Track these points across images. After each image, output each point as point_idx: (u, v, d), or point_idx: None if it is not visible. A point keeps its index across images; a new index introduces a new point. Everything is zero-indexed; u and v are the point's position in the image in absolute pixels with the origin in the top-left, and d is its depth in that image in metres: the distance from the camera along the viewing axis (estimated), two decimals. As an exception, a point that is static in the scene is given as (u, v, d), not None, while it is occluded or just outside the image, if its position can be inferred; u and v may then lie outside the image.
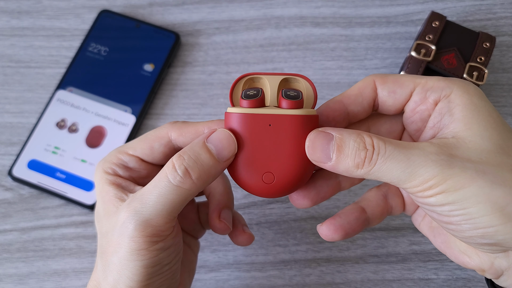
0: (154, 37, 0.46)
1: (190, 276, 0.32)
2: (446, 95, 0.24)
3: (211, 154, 0.24)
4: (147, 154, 0.27)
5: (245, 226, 0.32)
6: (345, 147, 0.23)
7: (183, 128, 0.27)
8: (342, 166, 0.23)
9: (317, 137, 0.24)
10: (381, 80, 0.25)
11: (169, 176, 0.24)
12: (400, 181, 0.22)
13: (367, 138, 0.23)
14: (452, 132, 0.23)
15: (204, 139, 0.25)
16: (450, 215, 0.22)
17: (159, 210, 0.24)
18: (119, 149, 0.28)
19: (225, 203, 0.31)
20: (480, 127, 0.23)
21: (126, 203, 0.25)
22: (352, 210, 0.28)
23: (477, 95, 0.23)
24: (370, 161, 0.22)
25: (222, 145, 0.24)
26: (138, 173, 0.28)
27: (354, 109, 0.26)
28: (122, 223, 0.24)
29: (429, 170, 0.21)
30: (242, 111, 0.24)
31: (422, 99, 0.25)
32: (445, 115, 0.24)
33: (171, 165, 0.24)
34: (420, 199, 0.23)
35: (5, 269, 0.39)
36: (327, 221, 0.27)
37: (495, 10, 0.47)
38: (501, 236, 0.21)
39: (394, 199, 0.29)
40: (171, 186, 0.24)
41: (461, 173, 0.21)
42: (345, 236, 0.27)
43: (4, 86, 0.45)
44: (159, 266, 0.25)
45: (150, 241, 0.24)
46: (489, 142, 0.22)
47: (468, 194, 0.21)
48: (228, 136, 0.24)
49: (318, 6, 0.48)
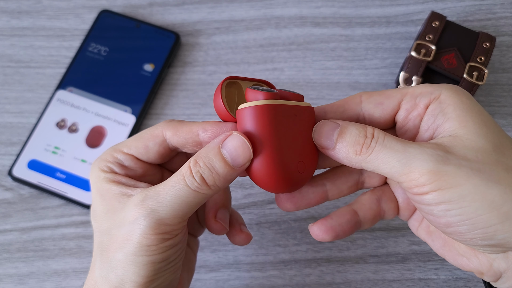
0: (154, 37, 0.46)
1: (189, 275, 0.32)
2: (436, 97, 0.24)
3: (225, 163, 0.24)
4: (142, 153, 0.27)
5: (243, 226, 0.32)
6: (347, 133, 0.24)
7: (178, 127, 0.27)
8: (343, 152, 0.24)
9: (324, 124, 0.25)
10: (367, 95, 0.26)
11: (187, 180, 0.24)
12: (395, 173, 0.23)
13: (369, 129, 0.24)
14: (448, 131, 0.23)
15: (219, 144, 0.24)
16: (447, 215, 0.22)
17: (175, 210, 0.24)
18: (114, 147, 0.28)
19: (222, 203, 0.31)
20: (475, 124, 0.23)
21: (138, 200, 0.24)
22: (344, 212, 0.28)
23: (466, 95, 0.24)
24: (368, 147, 0.23)
25: (237, 152, 0.23)
26: (134, 171, 0.28)
27: (332, 117, 0.27)
28: (134, 219, 0.24)
29: (424, 164, 0.22)
30: (268, 102, 0.23)
31: (412, 106, 0.25)
32: (438, 116, 0.24)
33: (188, 170, 0.24)
34: (416, 196, 0.23)
35: (5, 269, 0.39)
36: (319, 222, 0.28)
37: (495, 10, 0.47)
38: (500, 235, 0.22)
39: (387, 203, 0.29)
40: (188, 190, 0.24)
41: (456, 171, 0.21)
42: (336, 237, 0.28)
43: (4, 86, 0.45)
44: (166, 262, 0.25)
45: (161, 239, 0.24)
46: (485, 140, 0.22)
47: (464, 192, 0.21)
48: (243, 143, 0.23)
49: (318, 6, 0.48)
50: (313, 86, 0.45)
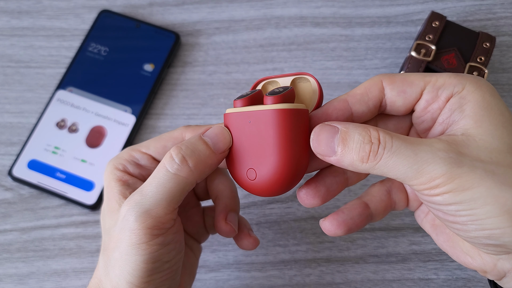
0: (154, 37, 0.46)
1: (191, 280, 0.32)
2: (458, 91, 0.23)
3: (207, 145, 0.25)
4: (160, 152, 0.29)
5: (250, 230, 0.32)
6: (350, 140, 0.22)
7: (196, 130, 0.29)
8: (347, 160, 0.22)
9: (322, 130, 0.23)
10: (389, 80, 0.25)
11: (167, 165, 0.24)
12: (406, 178, 0.22)
13: (373, 132, 0.22)
14: (462, 128, 0.23)
15: (201, 133, 0.26)
16: (456, 215, 0.22)
17: (158, 199, 0.24)
18: (133, 147, 0.29)
19: (232, 207, 0.31)
20: (491, 125, 0.22)
21: (128, 198, 0.25)
22: (355, 206, 0.27)
23: (489, 92, 0.23)
24: (376, 155, 0.22)
25: (218, 138, 0.25)
26: (148, 171, 0.28)
27: (358, 109, 0.25)
28: (123, 216, 0.24)
29: (437, 168, 0.21)
30: (228, 111, 0.26)
31: (433, 98, 0.24)
32: (455, 111, 0.23)
33: (169, 155, 0.25)
34: (426, 197, 0.22)
35: (5, 269, 0.39)
36: (330, 216, 0.27)
37: (495, 10, 0.47)
38: (507, 238, 0.21)
39: (397, 194, 0.28)
40: (169, 174, 0.24)
41: (470, 173, 0.21)
42: (348, 231, 0.27)
43: (4, 86, 0.45)
44: (160, 263, 0.25)
45: (151, 234, 0.24)
46: (500, 142, 0.22)
47: (476, 194, 0.21)
48: (222, 130, 0.25)
49: (318, 6, 0.48)
50: (313, 86, 0.45)
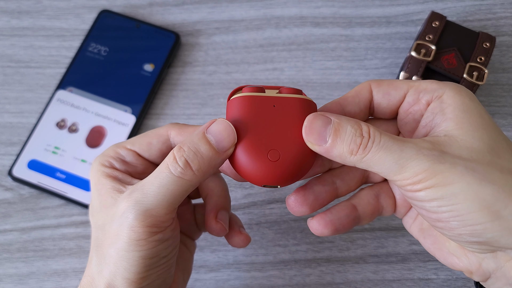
0: (154, 37, 0.46)
1: (185, 275, 0.32)
2: (438, 96, 0.25)
3: (210, 146, 0.24)
4: (145, 149, 0.28)
5: (241, 228, 0.32)
6: (342, 131, 0.23)
7: (182, 128, 0.28)
8: (336, 151, 0.23)
9: (315, 118, 0.24)
10: (377, 83, 0.26)
11: (170, 167, 0.24)
12: (390, 172, 0.23)
13: (364, 126, 0.23)
14: (444, 130, 0.24)
15: (204, 129, 0.24)
16: (439, 211, 0.22)
17: (160, 200, 0.24)
18: (118, 144, 0.29)
19: (222, 205, 0.31)
20: (471, 126, 0.23)
21: (126, 194, 0.25)
22: (344, 207, 0.28)
23: (469, 97, 0.24)
24: (365, 148, 0.23)
25: (222, 136, 0.24)
26: (135, 168, 0.28)
27: (351, 110, 0.26)
28: (122, 213, 0.24)
29: (420, 164, 0.22)
30: (247, 94, 0.25)
31: (415, 100, 0.25)
32: (437, 115, 0.24)
33: (172, 156, 0.24)
34: (409, 193, 0.23)
35: (5, 269, 0.39)
36: (318, 216, 0.27)
37: (495, 10, 0.47)
38: (489, 234, 0.22)
39: (385, 199, 0.29)
40: (172, 177, 0.24)
41: (451, 169, 0.22)
42: (335, 232, 0.27)
43: (4, 86, 0.45)
44: (157, 258, 0.25)
45: (150, 232, 0.24)
46: (480, 142, 0.23)
47: (457, 190, 0.21)
48: (227, 126, 0.24)
49: (318, 6, 0.48)
50: (313, 86, 0.45)
